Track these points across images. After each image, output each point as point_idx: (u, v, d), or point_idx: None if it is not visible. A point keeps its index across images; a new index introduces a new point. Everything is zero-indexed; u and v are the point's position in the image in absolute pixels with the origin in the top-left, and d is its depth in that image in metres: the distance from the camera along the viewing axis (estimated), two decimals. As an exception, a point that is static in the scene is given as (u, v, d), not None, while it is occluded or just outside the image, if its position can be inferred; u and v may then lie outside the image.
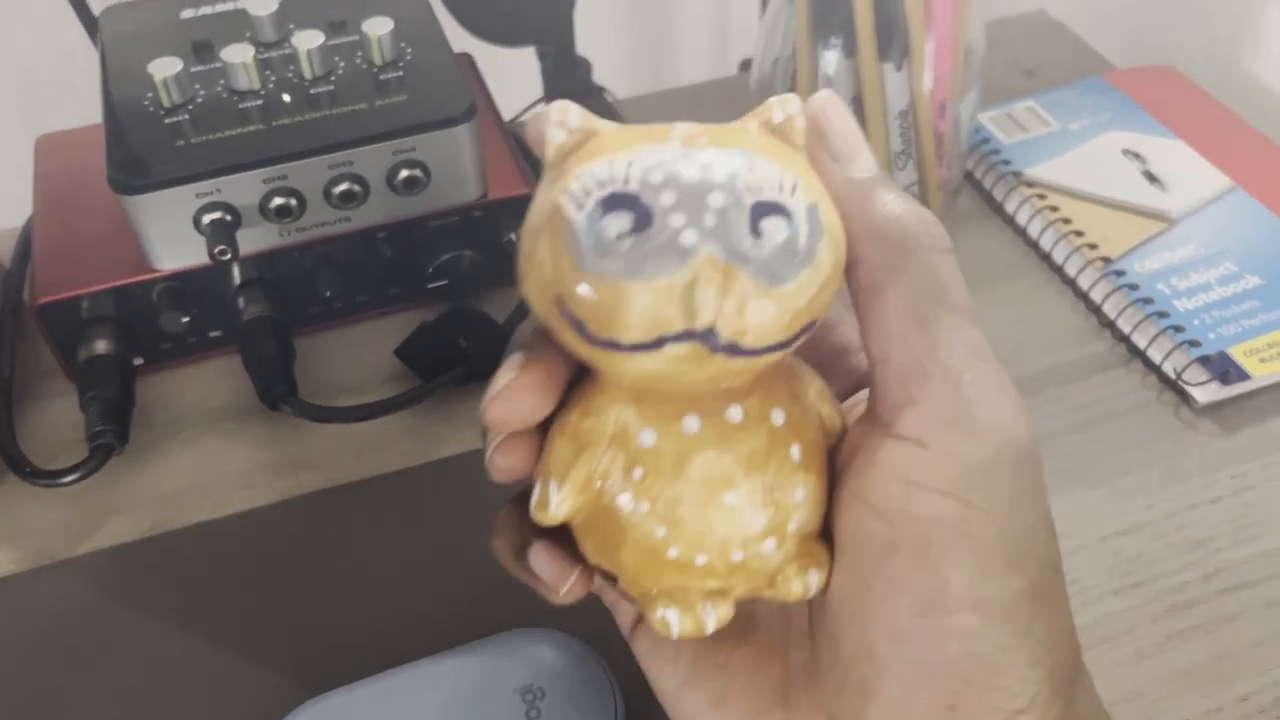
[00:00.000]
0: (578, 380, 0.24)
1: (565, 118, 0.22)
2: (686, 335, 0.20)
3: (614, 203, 0.20)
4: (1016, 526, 0.22)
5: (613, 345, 0.21)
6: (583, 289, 0.20)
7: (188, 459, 0.41)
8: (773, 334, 0.21)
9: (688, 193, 0.20)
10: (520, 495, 0.27)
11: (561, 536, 0.25)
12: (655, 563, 0.23)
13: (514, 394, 0.23)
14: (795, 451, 0.23)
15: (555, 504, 0.23)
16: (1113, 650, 0.35)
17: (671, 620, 0.23)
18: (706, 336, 0.20)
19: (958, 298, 0.23)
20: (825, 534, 0.24)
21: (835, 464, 0.24)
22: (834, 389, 0.25)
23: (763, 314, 0.20)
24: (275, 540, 0.38)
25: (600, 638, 0.32)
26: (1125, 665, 0.34)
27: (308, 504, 0.39)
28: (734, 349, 0.21)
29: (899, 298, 0.22)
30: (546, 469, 0.24)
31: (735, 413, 0.22)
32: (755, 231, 0.20)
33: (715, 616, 0.23)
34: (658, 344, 0.20)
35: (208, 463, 0.41)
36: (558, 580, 0.25)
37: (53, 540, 0.39)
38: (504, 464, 0.24)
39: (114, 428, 0.39)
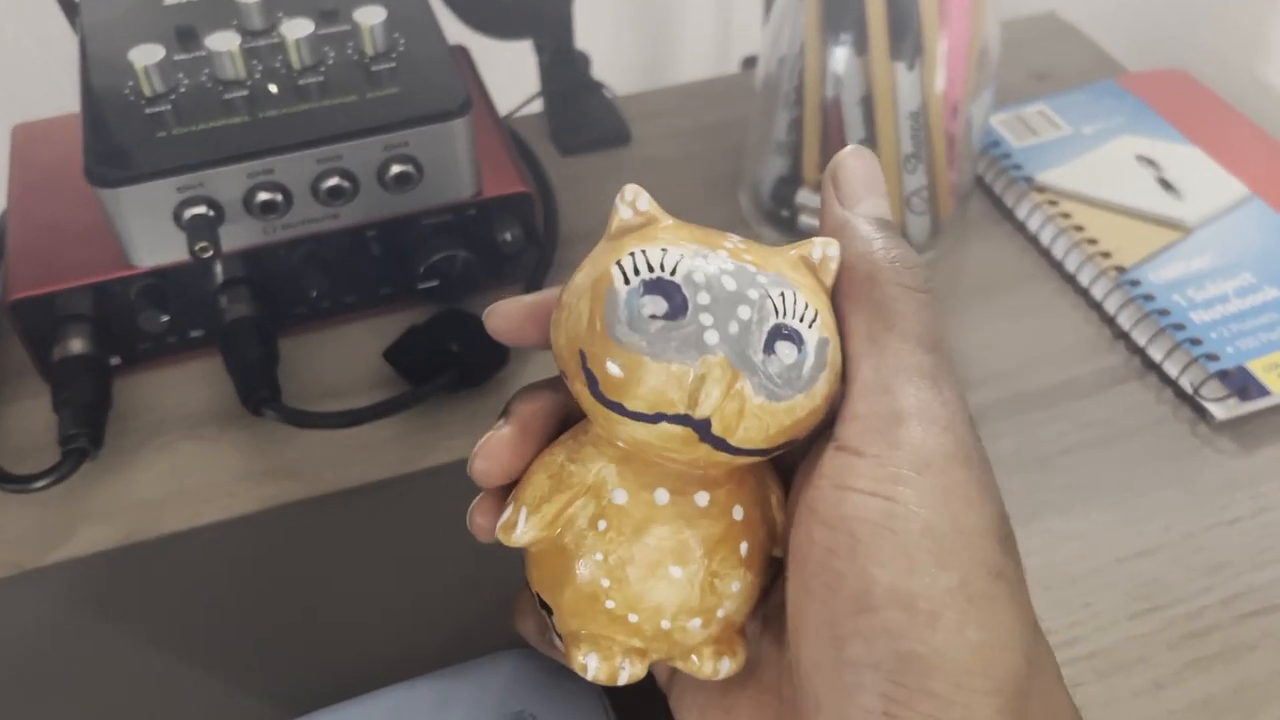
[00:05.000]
0: (570, 423, 0.27)
1: (636, 200, 0.25)
2: (683, 420, 0.23)
3: (656, 287, 0.23)
4: (944, 526, 0.22)
5: (617, 408, 0.23)
6: (607, 352, 0.23)
7: (165, 465, 0.40)
8: (757, 440, 0.23)
9: (721, 299, 0.23)
10: None
11: None
12: (591, 608, 0.25)
13: (494, 449, 0.26)
14: (744, 548, 0.25)
15: (520, 531, 0.25)
16: (1128, 679, 0.33)
17: (590, 665, 0.25)
18: (700, 426, 0.23)
19: (912, 326, 0.24)
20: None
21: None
22: None
23: (753, 421, 0.23)
24: (256, 551, 0.37)
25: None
26: (1142, 695, 0.33)
27: (291, 513, 0.38)
28: (721, 443, 0.23)
29: (859, 324, 0.24)
30: (521, 496, 0.26)
31: (703, 498, 0.25)
32: (769, 349, 0.23)
33: (629, 673, 0.25)
34: (656, 419, 0.23)
35: (186, 469, 0.39)
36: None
37: (22, 548, 0.37)
38: (481, 522, 0.27)
39: (88, 431, 0.38)
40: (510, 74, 0.55)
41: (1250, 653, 0.34)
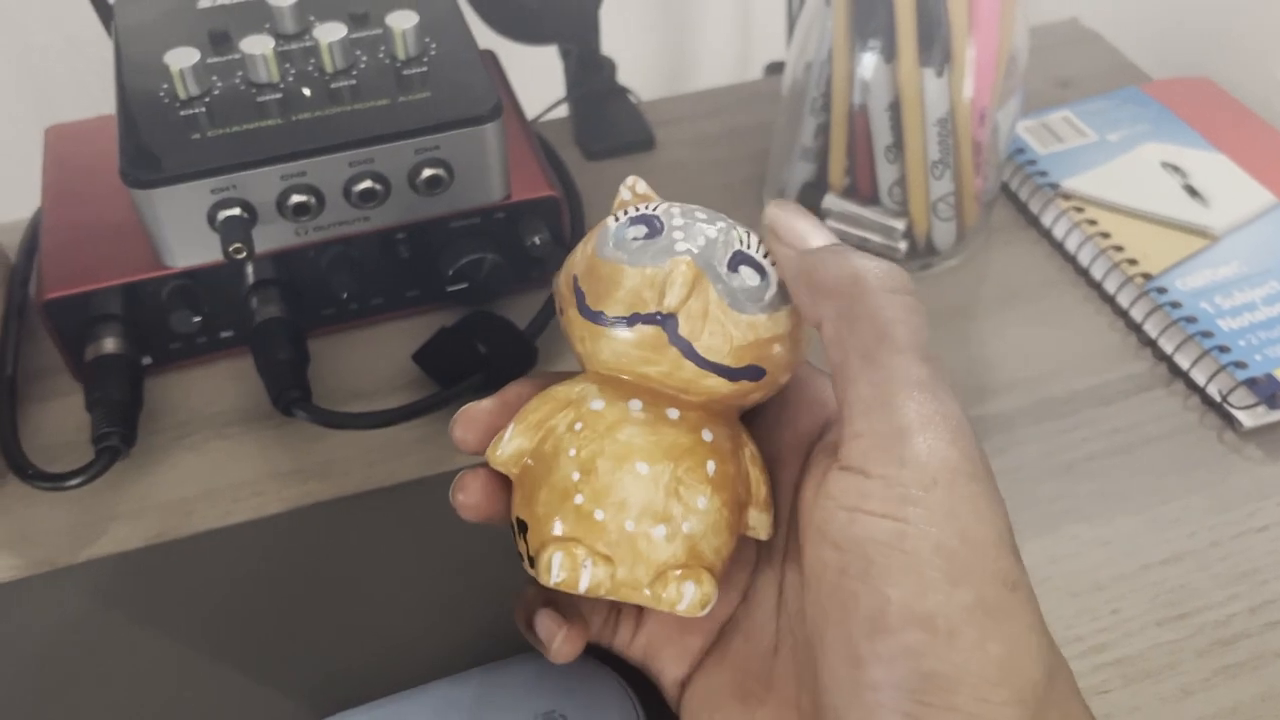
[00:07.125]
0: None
1: (635, 185, 0.29)
2: (654, 318, 0.26)
3: (640, 219, 0.28)
4: (956, 542, 0.22)
5: (599, 318, 0.27)
6: (594, 268, 0.27)
7: (195, 464, 0.40)
8: (721, 351, 0.26)
9: (691, 225, 0.27)
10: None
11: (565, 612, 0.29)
12: (563, 505, 0.26)
13: (472, 417, 0.28)
14: (710, 466, 0.26)
15: (505, 440, 0.28)
16: (1156, 685, 0.33)
17: (554, 563, 0.26)
18: (669, 324, 0.26)
19: (906, 335, 0.24)
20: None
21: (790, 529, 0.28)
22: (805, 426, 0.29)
23: (716, 327, 0.26)
24: (285, 551, 0.37)
25: (624, 662, 0.31)
26: (1170, 702, 0.33)
27: (319, 513, 0.38)
28: (688, 349, 0.26)
29: (853, 343, 0.24)
30: (513, 419, 0.28)
31: (673, 412, 0.27)
32: (732, 268, 0.27)
33: (591, 573, 0.26)
34: (632, 320, 0.26)
35: (216, 468, 0.40)
36: (549, 637, 0.28)
37: (54, 546, 0.37)
38: (463, 498, 0.28)
39: (120, 430, 0.38)
40: (536, 79, 0.55)
41: (1278, 660, 0.34)
